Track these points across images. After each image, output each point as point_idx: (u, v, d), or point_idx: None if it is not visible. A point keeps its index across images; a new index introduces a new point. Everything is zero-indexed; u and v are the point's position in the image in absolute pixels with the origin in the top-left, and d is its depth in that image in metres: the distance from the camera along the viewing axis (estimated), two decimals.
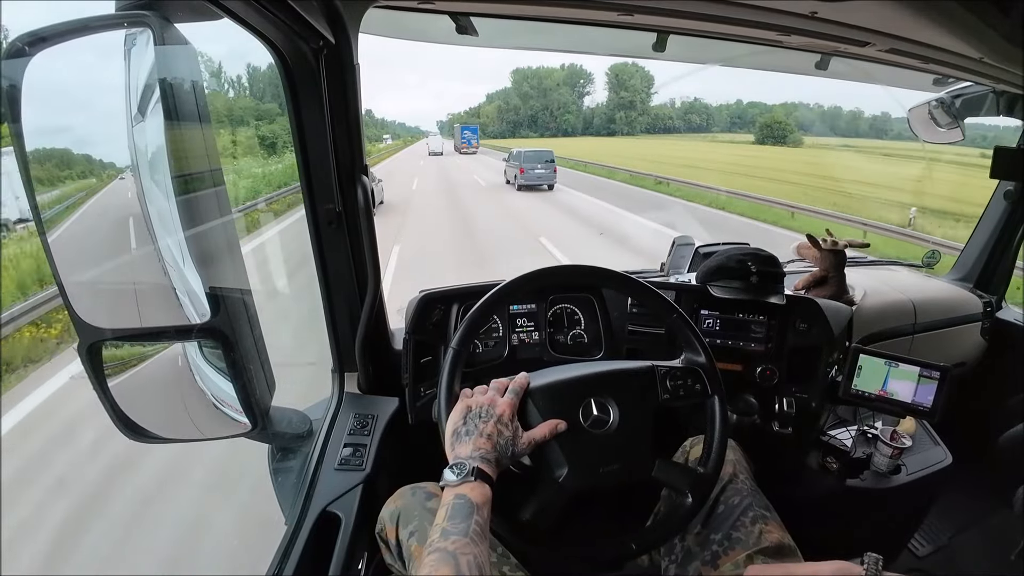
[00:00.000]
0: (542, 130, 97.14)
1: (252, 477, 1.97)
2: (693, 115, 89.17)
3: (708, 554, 0.78)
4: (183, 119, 0.57)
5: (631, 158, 25.90)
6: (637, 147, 44.30)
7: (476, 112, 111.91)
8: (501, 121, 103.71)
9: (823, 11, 0.86)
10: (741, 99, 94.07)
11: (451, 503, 0.61)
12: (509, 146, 45.12)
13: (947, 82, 1.45)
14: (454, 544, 0.55)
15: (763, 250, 1.21)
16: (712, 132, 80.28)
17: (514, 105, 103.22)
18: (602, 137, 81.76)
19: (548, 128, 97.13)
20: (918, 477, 1.18)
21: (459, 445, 0.68)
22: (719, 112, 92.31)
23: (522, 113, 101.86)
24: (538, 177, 14.51)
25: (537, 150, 15.58)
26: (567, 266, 0.88)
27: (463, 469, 0.63)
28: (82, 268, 0.63)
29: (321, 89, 0.85)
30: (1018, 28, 0.82)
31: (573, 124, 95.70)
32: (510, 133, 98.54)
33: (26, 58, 0.53)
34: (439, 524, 0.59)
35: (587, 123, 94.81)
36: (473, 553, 0.55)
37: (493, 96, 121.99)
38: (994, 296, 1.72)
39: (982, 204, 1.73)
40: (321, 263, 1.03)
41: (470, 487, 0.62)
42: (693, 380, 0.80)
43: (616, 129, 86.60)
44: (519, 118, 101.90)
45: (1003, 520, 1.50)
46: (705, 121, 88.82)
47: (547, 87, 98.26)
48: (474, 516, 0.59)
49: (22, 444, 2.47)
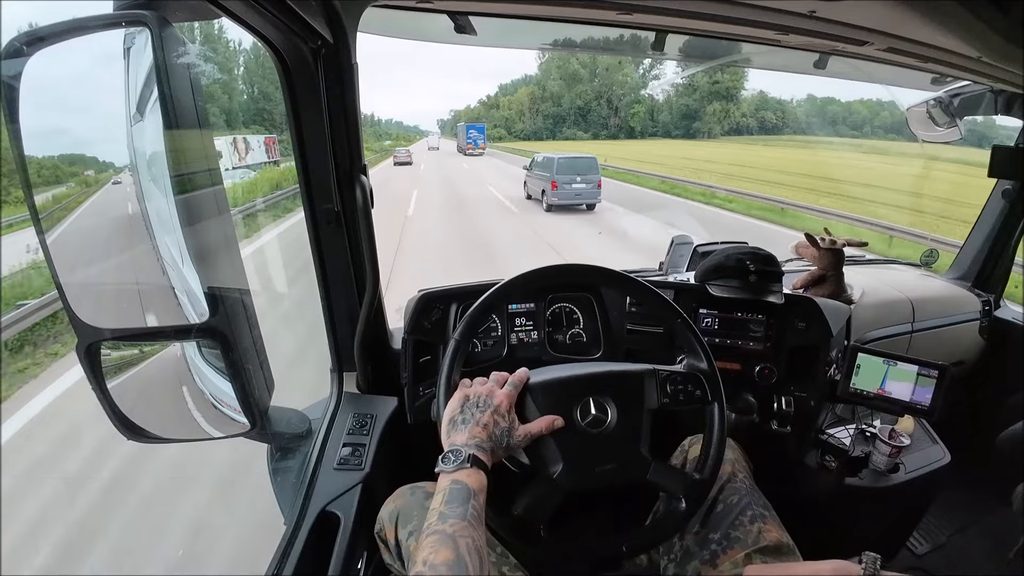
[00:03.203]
0: (596, 129, 69.42)
1: (251, 477, 1.97)
2: (767, 112, 61.57)
3: (707, 553, 0.79)
4: (181, 119, 0.57)
5: (721, 171, 18.55)
6: (719, 152, 33.04)
7: (494, 103, 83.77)
8: (534, 114, 75.02)
9: (821, 10, 0.87)
10: (812, 94, 66.34)
11: (448, 488, 0.61)
12: (525, 149, 35.03)
13: (945, 81, 1.45)
14: (452, 527, 0.56)
15: (761, 249, 1.21)
16: (790, 133, 56.44)
17: (554, 93, 73.40)
18: (675, 140, 58.39)
19: (606, 126, 69.20)
20: (917, 476, 1.18)
21: (455, 433, 0.68)
22: (794, 109, 62.90)
23: (567, 103, 72.01)
24: (576, 194, 10.90)
25: (574, 156, 11.45)
26: (566, 265, 0.88)
27: (459, 456, 0.64)
28: (81, 268, 0.63)
29: (320, 89, 0.85)
30: (1016, 27, 0.82)
31: (642, 121, 67.18)
32: (548, 132, 72.17)
33: (24, 58, 0.53)
34: (436, 508, 0.59)
35: (652, 119, 67.46)
36: (471, 536, 0.55)
37: (515, 85, 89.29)
38: (992, 294, 1.73)
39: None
40: (320, 263, 1.03)
41: (466, 473, 0.62)
42: (694, 386, 0.80)
43: (699, 129, 61.31)
44: (562, 110, 72.57)
45: (1002, 519, 1.50)
46: (780, 120, 61.40)
47: (608, 64, 64.26)
48: (471, 501, 0.59)
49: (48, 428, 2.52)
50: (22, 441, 2.51)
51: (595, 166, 11.07)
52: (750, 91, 62.67)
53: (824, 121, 55.79)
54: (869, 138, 40.19)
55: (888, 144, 17.56)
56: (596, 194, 11.01)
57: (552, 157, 11.17)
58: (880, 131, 44.09)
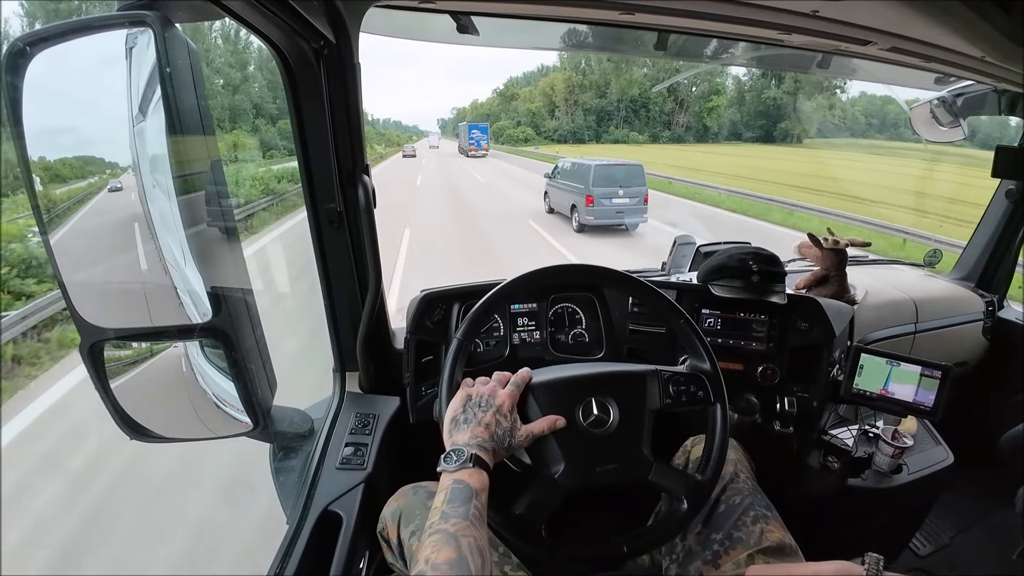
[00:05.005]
0: (656, 129, 48.76)
1: (253, 476, 1.97)
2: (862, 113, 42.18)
3: (709, 553, 0.78)
4: (184, 118, 0.57)
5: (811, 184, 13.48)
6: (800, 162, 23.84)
7: (509, 95, 61.28)
8: (571, 107, 51.84)
9: (824, 10, 0.86)
10: (865, 91, 44.59)
11: (450, 487, 0.61)
12: (531, 151, 31.00)
13: (948, 81, 1.45)
14: (454, 526, 0.56)
15: (764, 249, 1.20)
16: (847, 136, 41.34)
17: (594, 81, 51.75)
18: (749, 144, 42.82)
19: (669, 125, 48.74)
20: (919, 477, 1.18)
21: (457, 432, 0.68)
22: (850, 108, 43.66)
23: (613, 93, 50.20)
24: (617, 212, 8.27)
25: (612, 163, 8.90)
26: (569, 265, 0.88)
27: (461, 455, 0.64)
28: (84, 268, 0.64)
29: (322, 89, 0.85)
30: (1019, 27, 0.82)
31: (719, 121, 47.74)
32: (591, 133, 50.54)
33: (27, 58, 0.53)
34: (438, 507, 0.59)
35: (741, 117, 47.30)
36: (473, 535, 0.55)
37: (526, 78, 66.33)
38: (996, 295, 1.72)
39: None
40: (322, 263, 1.03)
41: (468, 473, 0.62)
42: (696, 387, 0.80)
43: (786, 132, 43.51)
44: (606, 103, 50.82)
45: (1005, 520, 1.50)
46: (840, 121, 42.26)
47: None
48: (473, 500, 0.59)
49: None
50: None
51: (641, 175, 8.51)
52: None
53: (886, 123, 40.80)
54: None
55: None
56: (641, 211, 8.42)
57: (587, 164, 8.65)
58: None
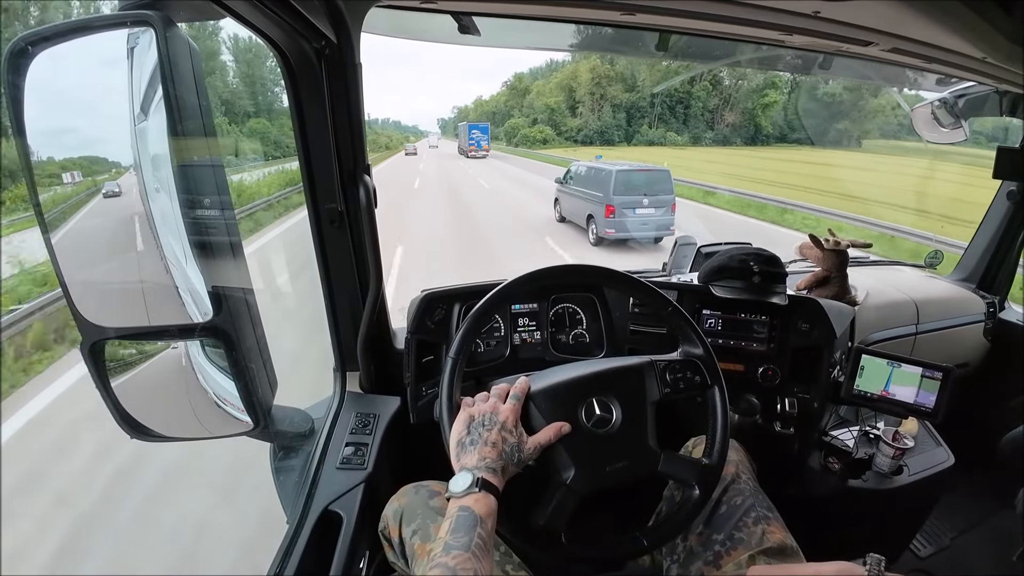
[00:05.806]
0: (698, 129, 40.99)
1: (254, 476, 1.97)
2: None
3: (710, 554, 0.78)
4: (186, 118, 0.57)
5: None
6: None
7: (522, 89, 53.79)
8: (597, 103, 43.10)
9: (826, 11, 0.86)
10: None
11: (455, 515, 0.60)
12: (534, 152, 28.94)
13: (950, 82, 1.44)
14: (455, 559, 0.55)
15: (765, 250, 1.20)
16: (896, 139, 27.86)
17: (621, 73, 42.04)
18: (798, 147, 35.06)
19: (712, 125, 40.50)
20: (920, 478, 1.18)
21: (464, 456, 0.68)
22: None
23: (646, 85, 41.40)
24: (642, 224, 7.24)
25: (634, 170, 7.74)
26: (567, 266, 0.88)
27: (468, 480, 0.63)
28: (86, 267, 0.64)
29: (323, 88, 0.85)
30: (1020, 27, 0.82)
31: (773, 118, 39.04)
32: (620, 133, 42.53)
33: (29, 58, 0.53)
34: (442, 538, 0.59)
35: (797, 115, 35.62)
36: (474, 569, 0.55)
37: (537, 73, 57.18)
38: (997, 296, 1.72)
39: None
40: (323, 262, 1.03)
41: (474, 499, 0.62)
42: (692, 372, 0.81)
43: (844, 133, 31.93)
44: (638, 98, 42.56)
45: (1005, 521, 1.50)
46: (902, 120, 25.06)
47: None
48: (476, 529, 0.59)
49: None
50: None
51: (667, 181, 7.50)
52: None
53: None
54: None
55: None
56: (668, 223, 7.34)
57: (607, 169, 7.67)
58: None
